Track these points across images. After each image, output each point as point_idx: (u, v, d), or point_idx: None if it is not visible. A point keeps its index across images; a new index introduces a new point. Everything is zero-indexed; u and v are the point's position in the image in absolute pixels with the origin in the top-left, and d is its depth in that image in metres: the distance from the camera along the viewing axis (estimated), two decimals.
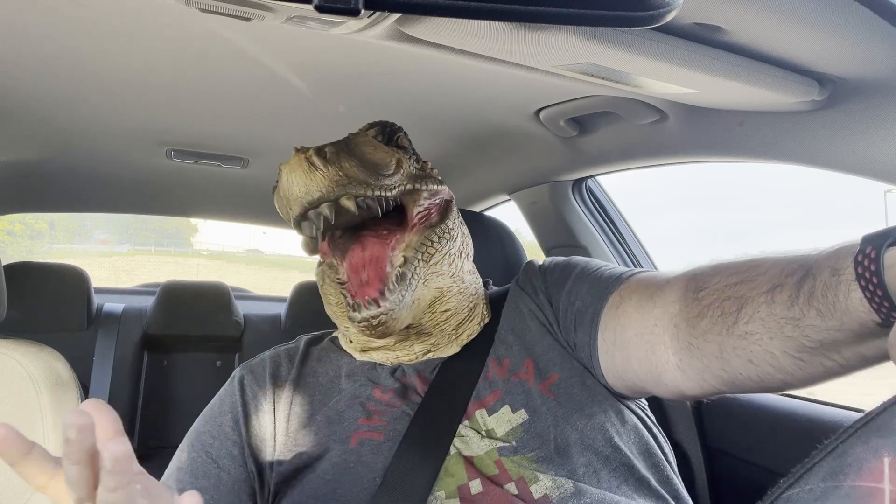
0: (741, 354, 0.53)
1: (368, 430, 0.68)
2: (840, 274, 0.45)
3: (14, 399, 0.77)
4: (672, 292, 0.61)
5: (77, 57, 0.88)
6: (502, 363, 0.72)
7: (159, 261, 24.06)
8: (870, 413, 0.30)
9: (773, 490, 0.30)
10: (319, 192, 0.63)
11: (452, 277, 0.73)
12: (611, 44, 0.60)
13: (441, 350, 0.74)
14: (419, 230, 0.72)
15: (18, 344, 0.82)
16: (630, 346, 0.64)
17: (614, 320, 0.66)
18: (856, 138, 0.73)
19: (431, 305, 0.72)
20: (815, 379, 0.51)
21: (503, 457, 0.64)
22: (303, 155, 0.63)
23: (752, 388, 0.56)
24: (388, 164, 0.70)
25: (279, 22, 0.55)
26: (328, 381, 0.75)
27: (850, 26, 0.58)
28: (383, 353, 0.75)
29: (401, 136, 0.78)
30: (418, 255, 0.70)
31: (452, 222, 0.75)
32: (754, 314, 0.52)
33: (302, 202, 0.64)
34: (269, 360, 0.79)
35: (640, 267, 1.42)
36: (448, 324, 0.74)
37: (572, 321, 0.71)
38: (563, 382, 0.69)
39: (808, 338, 0.48)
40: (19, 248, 20.79)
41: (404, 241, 0.71)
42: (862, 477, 0.27)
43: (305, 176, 0.63)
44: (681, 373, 0.59)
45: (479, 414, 0.67)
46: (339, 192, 0.63)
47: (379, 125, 0.77)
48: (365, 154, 0.69)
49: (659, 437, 0.71)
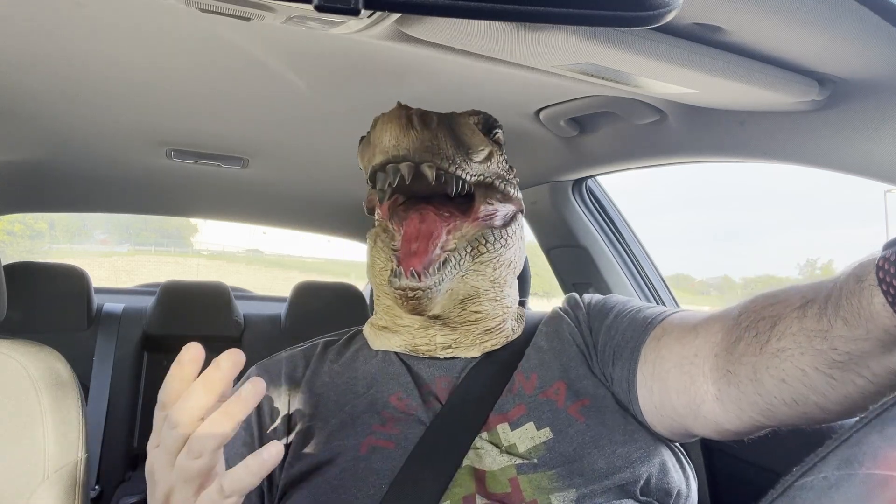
0: (774, 374, 0.52)
1: (381, 437, 0.67)
2: (863, 280, 0.44)
3: (14, 399, 0.77)
4: (715, 323, 0.60)
5: (77, 57, 0.88)
6: (530, 378, 0.70)
7: (159, 261, 24.07)
8: (885, 402, 0.30)
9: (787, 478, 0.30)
10: (407, 149, 0.64)
11: (493, 283, 0.72)
12: (611, 44, 0.60)
13: (462, 350, 0.73)
14: (479, 225, 0.72)
15: (18, 344, 0.82)
16: (669, 378, 0.62)
17: (654, 352, 0.65)
18: (856, 138, 0.73)
19: (464, 302, 0.71)
20: (849, 401, 0.50)
21: (521, 474, 0.62)
22: (404, 111, 0.65)
23: (790, 416, 0.54)
24: (479, 151, 0.72)
25: (279, 22, 0.55)
26: (344, 384, 0.74)
27: (850, 26, 0.58)
28: (402, 339, 0.74)
29: (499, 132, 0.78)
30: (468, 247, 0.70)
31: (513, 232, 0.75)
32: (786, 330, 0.51)
33: (388, 153, 0.64)
34: (284, 361, 0.78)
35: (639, 268, 1.42)
36: (476, 326, 0.73)
37: (610, 355, 0.69)
38: (595, 407, 0.67)
39: (836, 350, 0.47)
40: (19, 248, 20.78)
41: (461, 230, 0.71)
42: (877, 465, 0.28)
43: (400, 130, 0.64)
44: (719, 404, 0.58)
45: (501, 428, 0.66)
46: (423, 157, 0.65)
47: (482, 115, 0.77)
48: (462, 134, 0.71)
49: (688, 476, 0.68)
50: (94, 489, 1.70)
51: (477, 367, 0.72)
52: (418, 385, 0.71)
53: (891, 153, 0.71)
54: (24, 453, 0.75)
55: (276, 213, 2.13)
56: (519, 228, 0.77)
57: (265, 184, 1.72)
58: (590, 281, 1.44)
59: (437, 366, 0.73)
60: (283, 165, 1.53)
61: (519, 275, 0.79)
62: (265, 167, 1.52)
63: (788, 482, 0.30)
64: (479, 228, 0.72)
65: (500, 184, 0.74)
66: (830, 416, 0.52)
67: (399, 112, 0.65)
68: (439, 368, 0.73)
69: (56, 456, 0.76)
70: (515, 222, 0.76)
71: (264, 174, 1.60)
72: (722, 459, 1.12)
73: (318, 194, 1.82)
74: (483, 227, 0.72)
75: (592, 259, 1.40)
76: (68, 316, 1.88)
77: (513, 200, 0.77)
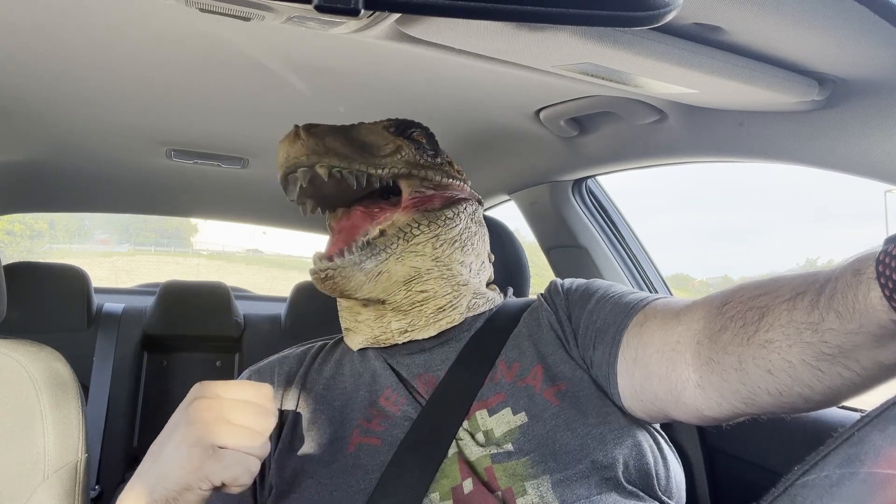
0: (760, 364, 0.52)
1: (367, 434, 0.68)
2: (861, 274, 0.44)
3: (14, 399, 0.77)
4: (698, 310, 0.60)
5: (77, 57, 0.88)
6: (511, 367, 0.72)
7: (159, 261, 24.09)
8: (887, 402, 0.30)
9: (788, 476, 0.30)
10: (297, 158, 0.70)
11: (435, 261, 0.75)
12: (611, 44, 0.60)
13: (417, 332, 0.75)
14: (411, 212, 0.75)
15: (18, 344, 0.82)
16: (651, 364, 0.63)
17: (637, 338, 0.65)
18: (856, 138, 0.73)
19: (408, 284, 0.74)
20: (834, 392, 0.49)
21: (495, 464, 0.63)
22: (295, 128, 0.71)
23: (772, 406, 0.54)
24: (381, 147, 0.76)
25: (279, 22, 0.55)
26: (333, 384, 0.76)
27: (850, 26, 0.58)
28: (363, 335, 0.78)
29: (418, 131, 0.82)
30: (400, 232, 0.73)
31: (455, 213, 0.78)
32: (775, 322, 0.51)
33: (283, 166, 0.72)
34: (277, 363, 0.81)
35: (639, 268, 1.43)
36: (426, 306, 0.75)
37: (591, 339, 0.70)
38: (571, 390, 0.68)
39: (826, 343, 0.47)
40: (19, 248, 20.80)
41: (391, 219, 0.75)
42: (879, 464, 0.28)
43: (289, 144, 0.71)
44: (700, 391, 0.58)
45: (480, 414, 0.67)
46: (313, 161, 0.70)
47: (395, 119, 0.82)
48: (358, 136, 0.76)
49: (666, 457, 0.68)
50: (94, 489, 1.70)
51: (459, 358, 0.73)
52: (403, 381, 0.73)
53: (891, 153, 0.71)
54: (24, 453, 0.75)
55: (276, 213, 2.13)
56: (464, 211, 0.80)
57: (265, 184, 1.72)
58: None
59: (417, 360, 0.75)
60: None
61: (519, 275, 0.80)
62: (265, 167, 1.52)
63: (790, 480, 0.30)
64: (410, 215, 0.75)
65: (424, 171, 0.78)
66: (812, 406, 0.52)
67: (291, 131, 0.72)
68: (421, 362, 0.75)
69: (56, 456, 0.76)
70: (457, 206, 0.79)
71: (264, 174, 1.60)
72: (722, 459, 1.12)
73: None
74: (415, 212, 0.76)
75: (592, 259, 1.40)
76: (68, 316, 1.88)
77: (450, 187, 0.80)
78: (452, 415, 0.67)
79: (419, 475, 0.63)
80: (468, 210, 0.81)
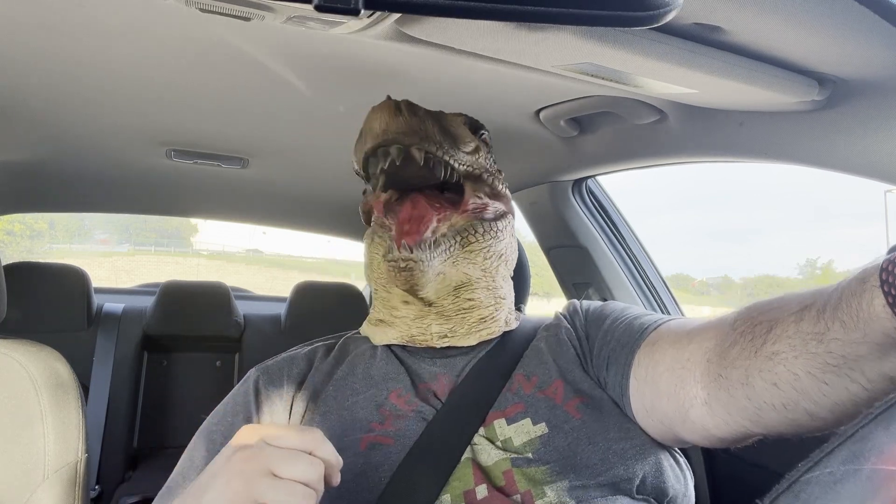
0: (766, 378, 0.52)
1: (379, 434, 0.67)
2: (865, 282, 0.44)
3: (14, 399, 0.77)
4: (710, 329, 0.61)
5: (77, 57, 0.88)
6: (530, 379, 0.71)
7: (159, 261, 24.09)
8: (890, 398, 0.30)
9: (792, 473, 0.30)
10: (396, 133, 0.67)
11: (484, 272, 0.74)
12: (611, 44, 0.60)
13: (458, 339, 0.74)
14: (469, 217, 0.74)
15: (18, 344, 0.82)
16: (661, 382, 0.63)
17: (648, 357, 0.65)
18: (856, 138, 0.73)
19: (457, 290, 0.73)
20: (839, 408, 0.49)
21: (515, 468, 0.62)
22: (394, 101, 0.68)
23: (778, 422, 0.53)
24: (467, 143, 0.75)
25: (279, 22, 0.55)
26: (344, 383, 0.75)
27: (850, 26, 0.58)
28: (399, 331, 0.76)
29: (486, 134, 0.82)
30: (458, 236, 0.72)
31: (503, 227, 0.77)
32: (782, 333, 0.51)
33: (378, 137, 0.68)
34: (285, 362, 0.79)
35: (639, 268, 1.42)
36: (470, 314, 0.74)
37: (605, 359, 0.70)
38: (592, 405, 0.68)
39: (831, 353, 0.47)
40: (19, 248, 20.80)
41: (450, 220, 0.74)
42: (882, 461, 0.28)
43: (389, 116, 0.67)
44: (707, 408, 0.58)
45: (498, 423, 0.67)
46: (411, 140, 0.68)
47: (467, 117, 0.81)
48: (450, 126, 0.74)
49: (686, 483, 0.68)
50: (94, 489, 1.70)
51: (477, 366, 0.73)
52: (418, 382, 0.72)
53: (891, 153, 0.71)
54: (24, 453, 0.75)
55: (276, 213, 2.13)
56: (509, 226, 0.79)
57: (265, 184, 1.72)
58: (589, 281, 1.44)
59: (437, 364, 0.74)
60: (283, 165, 1.53)
61: (519, 275, 0.80)
62: (265, 167, 1.52)
63: (794, 477, 0.30)
64: (469, 220, 0.74)
65: (489, 178, 0.77)
66: (819, 423, 0.51)
67: (389, 102, 0.68)
68: (440, 366, 0.74)
69: (56, 456, 0.76)
70: (505, 219, 0.79)
71: (264, 174, 1.60)
72: (722, 459, 1.12)
73: (318, 194, 1.82)
74: (472, 218, 0.75)
75: (592, 259, 1.41)
76: (68, 316, 1.88)
77: (502, 199, 0.80)
78: (468, 420, 0.67)
79: (431, 477, 0.62)
80: (511, 225, 0.81)
